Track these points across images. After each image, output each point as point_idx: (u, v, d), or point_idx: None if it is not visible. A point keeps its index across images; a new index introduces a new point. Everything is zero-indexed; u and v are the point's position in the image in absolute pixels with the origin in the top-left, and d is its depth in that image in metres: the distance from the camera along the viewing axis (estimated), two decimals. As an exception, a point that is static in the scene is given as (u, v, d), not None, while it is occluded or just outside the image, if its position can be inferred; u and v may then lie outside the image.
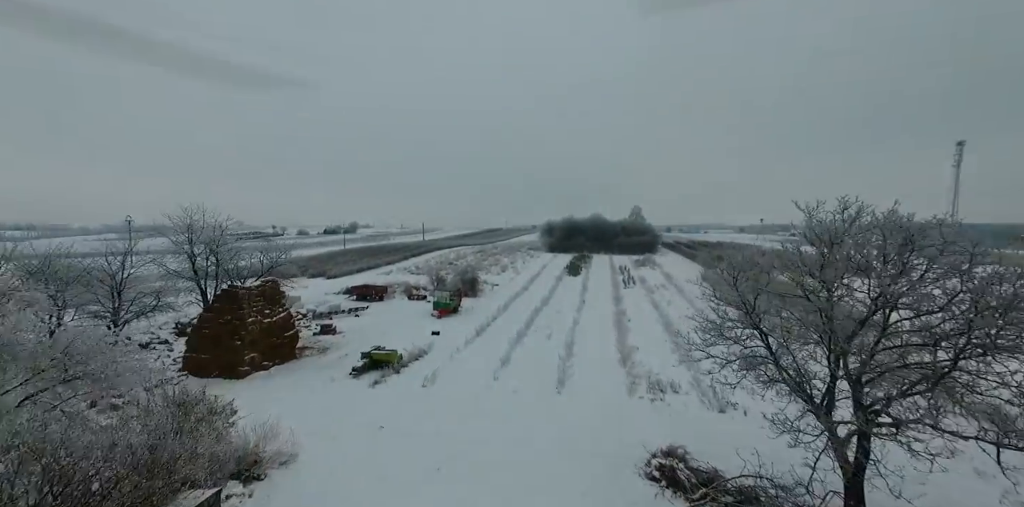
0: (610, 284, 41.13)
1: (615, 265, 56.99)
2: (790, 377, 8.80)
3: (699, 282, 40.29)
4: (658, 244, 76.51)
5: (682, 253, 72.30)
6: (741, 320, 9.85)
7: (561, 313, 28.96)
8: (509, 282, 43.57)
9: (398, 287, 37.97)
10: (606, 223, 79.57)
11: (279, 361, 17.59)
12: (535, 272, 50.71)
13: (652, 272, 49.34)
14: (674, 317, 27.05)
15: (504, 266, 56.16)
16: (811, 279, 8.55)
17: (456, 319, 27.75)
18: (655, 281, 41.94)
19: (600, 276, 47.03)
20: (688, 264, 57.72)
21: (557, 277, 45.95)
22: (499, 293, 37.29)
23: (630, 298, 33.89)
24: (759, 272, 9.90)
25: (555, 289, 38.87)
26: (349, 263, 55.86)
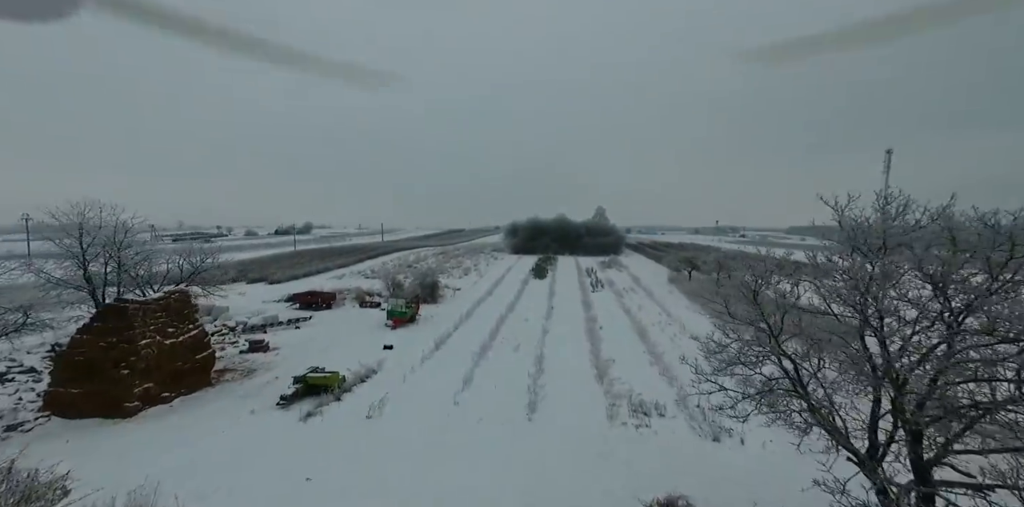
0: (578, 287, 39.59)
1: (581, 267, 55.85)
2: (826, 419, 7.03)
3: (668, 286, 39.67)
4: (622, 245, 76.63)
5: (646, 254, 72.60)
6: (760, 342, 8.03)
7: (529, 321, 26.87)
8: (472, 286, 41.08)
9: (349, 293, 34.55)
10: (571, 224, 78.76)
11: (186, 391, 14.30)
12: (499, 275, 48.52)
13: (619, 274, 48.45)
14: (647, 323, 25.65)
15: (467, 269, 53.59)
16: (855, 296, 6.79)
17: (413, 329, 25.01)
18: (623, 284, 40.86)
19: (567, 279, 45.52)
20: (654, 266, 57.55)
21: (523, 280, 43.97)
22: (462, 299, 34.74)
23: (600, 303, 32.36)
24: (788, 283, 8.09)
25: (521, 293, 36.80)
26: (296, 266, 51.30)
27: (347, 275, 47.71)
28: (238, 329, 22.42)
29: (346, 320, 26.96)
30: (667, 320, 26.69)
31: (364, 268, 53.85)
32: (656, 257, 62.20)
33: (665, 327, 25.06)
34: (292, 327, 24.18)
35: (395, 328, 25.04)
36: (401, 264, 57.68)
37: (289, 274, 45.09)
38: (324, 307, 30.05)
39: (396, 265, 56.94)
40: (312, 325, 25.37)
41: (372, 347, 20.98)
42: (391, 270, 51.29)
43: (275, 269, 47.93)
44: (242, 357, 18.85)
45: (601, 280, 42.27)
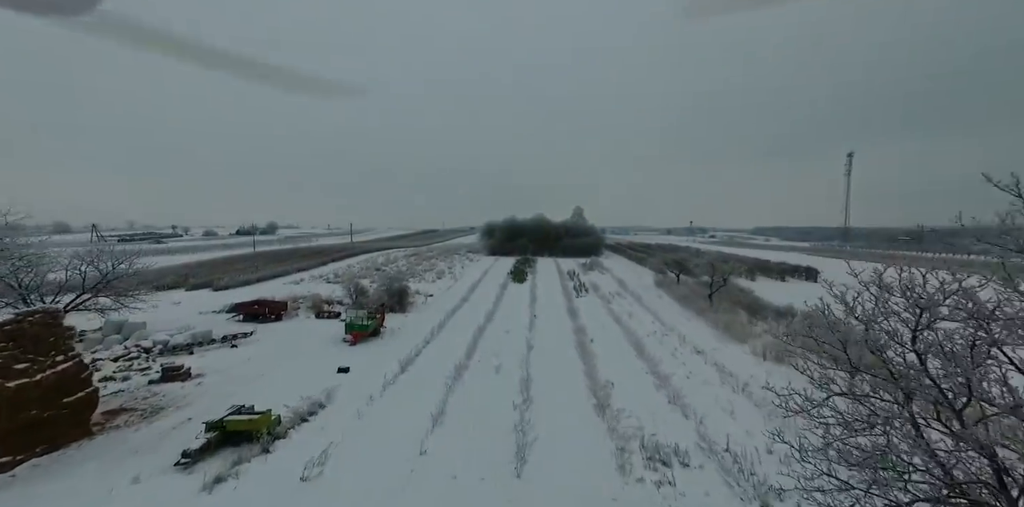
0: (561, 292, 36.82)
1: (562, 269, 53.26)
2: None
3: (656, 290, 37.41)
4: (602, 246, 74.74)
5: (626, 255, 70.91)
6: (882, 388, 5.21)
7: (511, 333, 23.81)
8: (446, 292, 37.66)
9: (305, 301, 30.53)
10: (549, 224, 76.28)
11: (46, 449, 10.46)
12: (476, 279, 45.24)
13: (603, 277, 46.06)
14: (642, 334, 23.04)
15: (440, 272, 50.03)
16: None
17: (376, 345, 21.50)
18: (608, 288, 38.38)
19: (549, 283, 42.72)
20: (637, 268, 55.63)
21: (501, 284, 40.86)
22: (434, 307, 31.31)
23: (586, 310, 29.64)
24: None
25: (500, 300, 33.68)
26: (250, 270, 46.45)
27: (307, 280, 43.34)
28: (155, 350, 18.28)
29: (297, 334, 23.12)
30: (663, 330, 24.18)
31: (327, 272, 49.46)
32: (638, 259, 60.43)
33: (662, 338, 22.51)
34: (228, 345, 20.18)
35: (355, 344, 21.47)
36: (368, 267, 53.53)
37: (240, 279, 40.38)
38: (273, 318, 26.05)
39: (363, 268, 52.78)
40: (254, 342, 21.44)
41: (324, 370, 17.44)
42: (357, 273, 47.22)
43: (223, 274, 43.00)
44: (150, 390, 14.91)
45: (585, 284, 39.69)
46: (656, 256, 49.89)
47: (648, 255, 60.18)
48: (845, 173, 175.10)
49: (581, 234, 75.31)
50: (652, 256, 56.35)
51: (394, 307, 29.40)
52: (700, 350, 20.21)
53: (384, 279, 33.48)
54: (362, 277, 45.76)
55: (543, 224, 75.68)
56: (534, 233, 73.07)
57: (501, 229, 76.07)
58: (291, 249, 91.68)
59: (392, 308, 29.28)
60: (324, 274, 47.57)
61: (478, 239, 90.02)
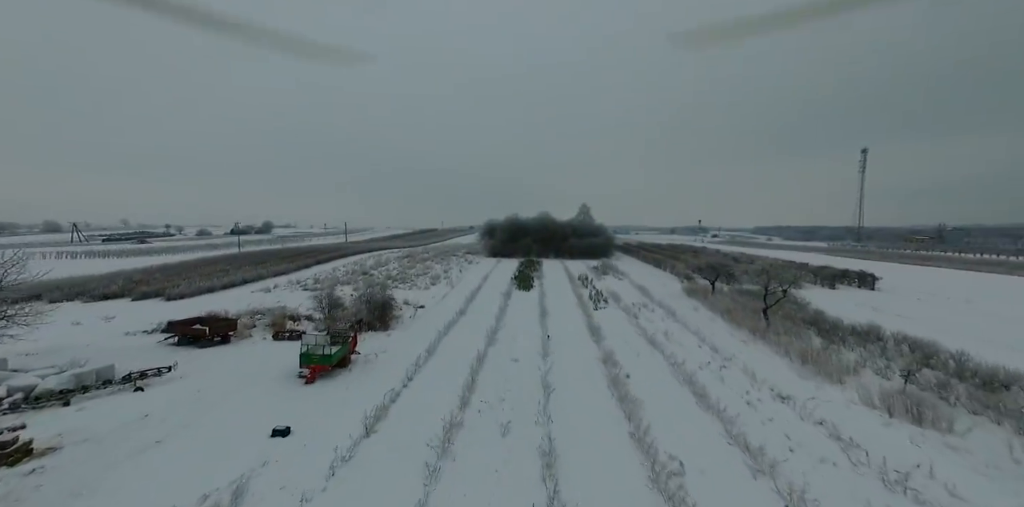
0: (575, 303, 31.39)
1: (572, 274, 47.84)
2: None
3: (687, 301, 31.90)
4: (613, 247, 69.30)
5: (639, 257, 65.43)
6: None
7: (520, 363, 18.41)
8: (441, 301, 32.24)
9: (264, 316, 25.07)
10: (555, 223, 70.73)
11: None
12: (475, 285, 39.79)
13: (620, 283, 40.65)
14: (693, 367, 17.61)
15: (435, 276, 44.61)
16: None
17: (341, 383, 16.09)
18: (630, 297, 32.97)
19: (559, 290, 37.27)
20: (655, 272, 50.19)
21: (504, 292, 35.40)
22: (425, 321, 25.89)
23: (610, 327, 24.24)
24: None
25: (504, 313, 28.27)
26: (219, 274, 41.01)
27: (282, 286, 37.91)
28: (4, 404, 12.72)
29: (239, 366, 17.68)
30: (717, 359, 18.76)
31: (308, 276, 44.04)
32: (655, 261, 54.84)
33: (722, 373, 17.10)
34: (130, 389, 14.71)
35: (311, 382, 16.06)
36: (355, 271, 48.09)
37: (204, 285, 34.91)
38: (218, 340, 20.60)
39: (348, 272, 47.35)
40: (172, 380, 15.97)
41: (254, 431, 12.09)
42: (339, 279, 41.80)
43: (183, 279, 37.49)
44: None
45: (602, 292, 34.24)
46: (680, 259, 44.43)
47: (665, 257, 54.75)
48: (859, 170, 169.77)
49: (589, 234, 69.88)
50: (675, 258, 50.94)
51: (374, 324, 23.99)
52: (784, 395, 14.78)
53: (365, 287, 27.98)
54: (346, 282, 40.42)
55: (548, 223, 70.20)
56: (539, 233, 67.60)
57: (503, 228, 70.60)
58: (278, 249, 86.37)
59: (372, 325, 23.87)
60: (303, 279, 42.14)
61: (477, 239, 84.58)
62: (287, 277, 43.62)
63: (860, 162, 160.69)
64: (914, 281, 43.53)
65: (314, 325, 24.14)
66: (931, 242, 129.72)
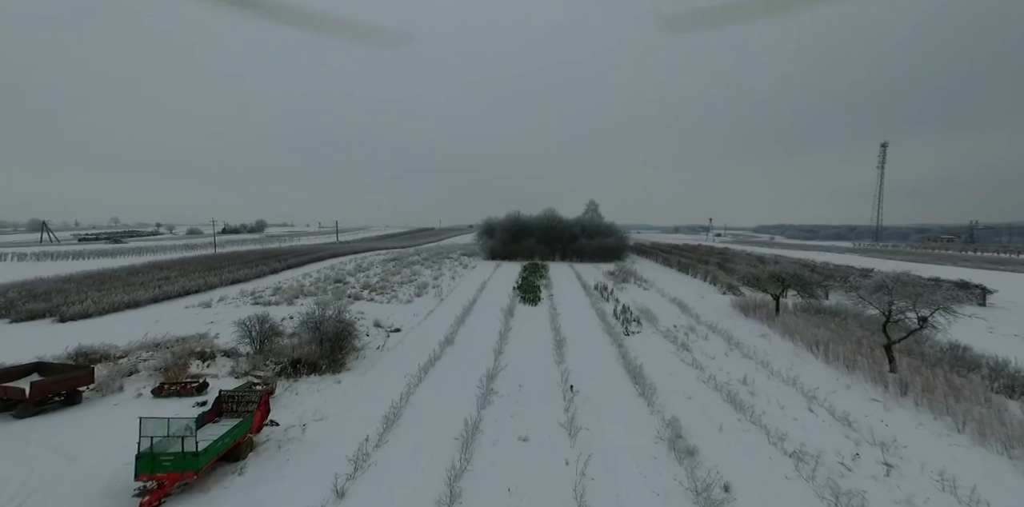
0: (597, 325, 24.19)
1: (585, 280, 40.64)
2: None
3: (744, 322, 24.56)
4: (627, 249, 61.95)
5: (658, 260, 58.09)
6: None
7: (531, 444, 11.34)
8: (424, 321, 25.08)
9: (156, 354, 17.66)
10: (562, 221, 63.39)
11: None
12: (469, 297, 32.49)
13: (647, 295, 33.44)
14: (833, 464, 10.39)
15: (423, 285, 37.37)
16: None
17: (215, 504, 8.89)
18: (667, 316, 25.76)
19: (573, 304, 30.02)
20: (682, 278, 42.99)
21: (505, 309, 28.10)
22: (395, 358, 18.70)
23: (657, 368, 17.07)
24: None
25: (505, 341, 21.05)
26: (159, 282, 33.69)
27: (230, 299, 30.69)
28: None
29: (44, 464, 10.47)
30: (866, 447, 11.49)
31: (270, 285, 36.82)
32: (680, 266, 47.25)
33: (898, 484, 9.87)
34: None
35: (157, 505, 8.88)
36: (328, 278, 40.86)
37: (122, 300, 27.59)
38: (59, 399, 13.34)
39: (321, 279, 40.15)
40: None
41: None
42: (306, 288, 34.55)
43: (105, 291, 30.09)
44: None
45: (629, 308, 26.99)
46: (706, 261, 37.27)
47: (692, 260, 47.48)
48: (877, 166, 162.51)
49: (600, 233, 62.64)
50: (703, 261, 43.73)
51: (320, 364, 16.77)
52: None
53: (318, 309, 20.58)
54: (311, 293, 33.23)
55: (554, 221, 62.87)
56: (544, 232, 60.38)
57: (503, 228, 63.28)
58: (259, 250, 79.05)
59: (317, 366, 16.65)
60: (262, 289, 34.91)
61: (475, 239, 77.35)
62: (243, 286, 36.36)
63: (879, 157, 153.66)
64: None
65: (234, 365, 16.92)
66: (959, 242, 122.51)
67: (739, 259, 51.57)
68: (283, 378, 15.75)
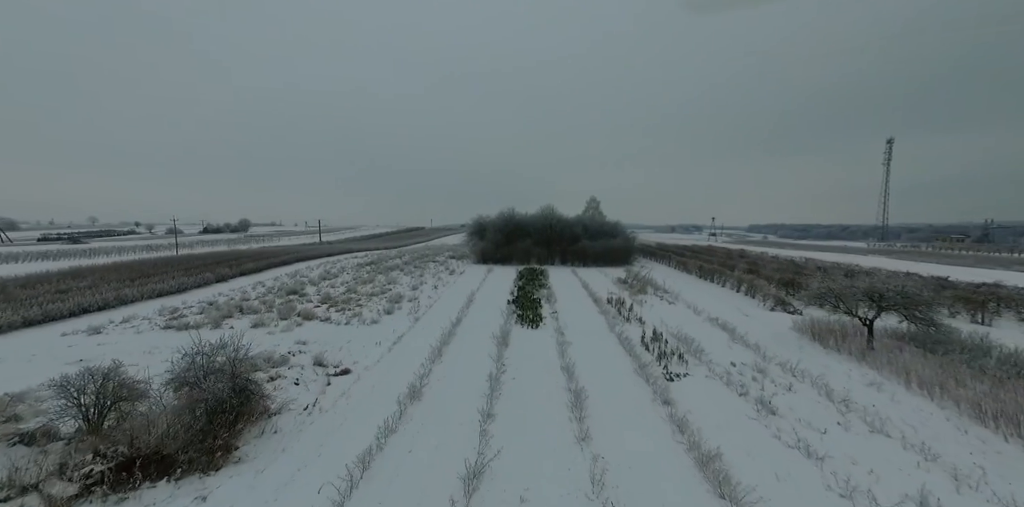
0: (625, 362, 17.53)
1: (593, 290, 34.01)
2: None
3: (822, 354, 17.95)
4: (635, 251, 55.46)
5: (668, 263, 51.69)
6: None
7: None
8: (386, 355, 18.25)
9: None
10: (562, 221, 56.68)
11: None
12: (452, 315, 25.58)
13: (674, 310, 26.89)
14: None
15: (396, 298, 30.48)
16: None
17: None
18: (716, 347, 19.12)
19: (586, 328, 23.18)
20: (707, 286, 36.53)
21: (497, 335, 21.21)
22: (326, 428, 11.84)
23: (734, 445, 10.52)
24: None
25: (498, 393, 14.28)
26: (53, 297, 26.36)
27: (139, 320, 23.55)
28: None
29: None
30: None
31: (206, 297, 29.64)
32: (700, 271, 40.73)
33: None
34: None
35: None
36: (283, 287, 33.79)
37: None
38: None
39: (271, 290, 33.09)
40: None
41: None
42: (245, 304, 27.52)
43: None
44: None
45: (663, 336, 20.35)
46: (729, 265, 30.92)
47: (716, 265, 41.09)
48: (883, 162, 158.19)
49: (604, 234, 56.08)
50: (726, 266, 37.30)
51: (175, 461, 9.95)
52: None
53: (195, 358, 13.62)
54: (255, 309, 26.29)
55: (553, 221, 56.18)
56: (541, 233, 53.73)
57: (496, 227, 56.46)
58: (224, 252, 71.49)
59: (172, 462, 9.83)
60: (192, 304, 27.85)
61: (465, 239, 70.52)
62: (167, 301, 29.16)
63: (885, 154, 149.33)
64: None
65: (11, 470, 10.01)
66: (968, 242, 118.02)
67: (765, 262, 45.45)
68: (96, 497, 8.89)
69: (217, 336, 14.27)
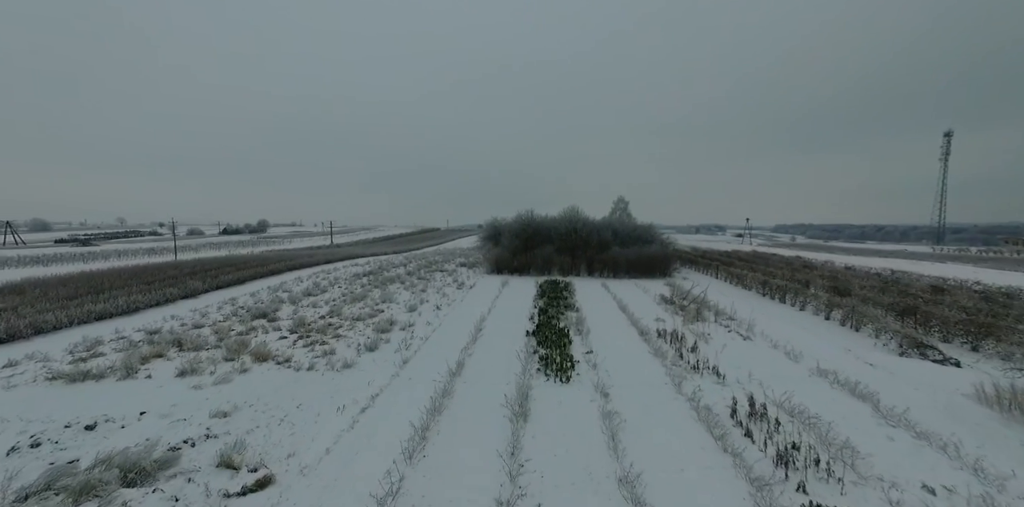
0: (717, 460, 10.79)
1: (633, 313, 26.88)
2: None
3: None
4: (674, 259, 47.58)
5: (713, 273, 43.93)
6: None
7: None
8: (345, 435, 11.76)
9: None
10: (589, 224, 49.51)
11: None
12: (453, 358, 18.95)
13: (752, 349, 19.71)
14: None
15: (387, 323, 24.08)
16: None
17: None
18: (861, 432, 12.02)
19: (638, 383, 16.13)
20: (772, 307, 28.98)
21: (512, 398, 14.55)
22: None
23: None
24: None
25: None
26: None
27: (28, 364, 17.84)
28: None
29: None
30: None
31: (140, 326, 23.67)
32: (767, 289, 32.57)
33: None
34: None
35: None
36: (256, 307, 27.84)
37: None
38: None
39: (236, 311, 27.17)
40: None
41: None
42: (190, 336, 21.54)
43: None
44: None
45: (762, 408, 13.41)
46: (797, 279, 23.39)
47: (763, 274, 33.37)
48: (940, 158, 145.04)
49: (636, 239, 48.79)
50: (795, 280, 29.66)
51: None
52: None
53: None
54: (198, 346, 20.30)
55: (578, 224, 49.12)
56: (565, 238, 46.81)
57: (513, 231, 49.80)
58: (222, 257, 66.82)
59: None
60: (131, 332, 22.05)
61: (478, 243, 64.12)
62: (96, 328, 23.37)
63: (942, 148, 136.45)
64: None
65: None
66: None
67: (842, 275, 37.36)
68: None
69: (101, 404, 8.09)
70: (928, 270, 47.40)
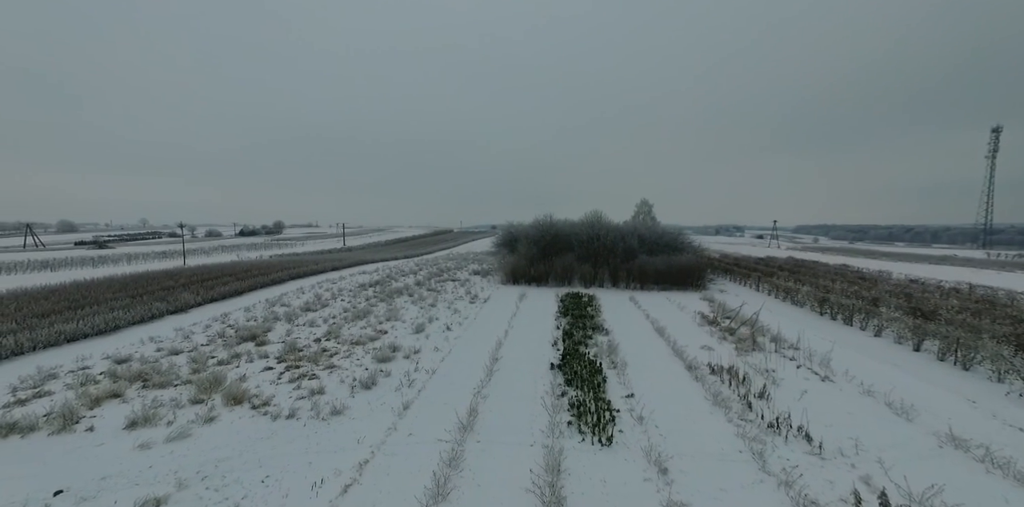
0: None
1: (671, 336, 23.04)
2: None
3: None
4: (707, 269, 43.12)
5: (752, 284, 39.50)
6: None
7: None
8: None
9: None
10: (613, 229, 45.57)
11: None
12: (463, 402, 15.54)
13: (835, 395, 15.81)
14: None
15: (390, 349, 20.79)
16: None
17: None
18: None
19: (702, 452, 12.50)
20: (840, 331, 24.77)
21: (539, 473, 11.13)
22: None
23: None
24: None
25: None
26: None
27: None
28: None
29: None
30: None
31: (107, 354, 20.82)
32: (827, 306, 28.07)
33: None
34: None
35: None
36: (244, 329, 24.83)
37: None
38: None
39: (218, 335, 24.16)
40: None
41: None
42: (129, 390, 18.52)
43: None
44: None
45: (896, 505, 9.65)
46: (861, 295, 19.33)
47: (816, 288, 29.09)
48: (987, 155, 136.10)
49: (665, 246, 44.78)
50: (861, 297, 25.27)
51: None
52: None
53: None
54: (165, 382, 17.19)
55: (601, 230, 45.29)
56: (587, 246, 43.05)
57: (530, 238, 46.29)
58: (225, 264, 64.97)
59: None
60: (95, 362, 19.20)
61: (493, 248, 60.73)
62: (55, 354, 20.57)
63: (989, 145, 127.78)
64: None
65: None
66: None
67: (909, 289, 32.74)
68: None
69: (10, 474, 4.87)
70: (1014, 284, 41.91)
